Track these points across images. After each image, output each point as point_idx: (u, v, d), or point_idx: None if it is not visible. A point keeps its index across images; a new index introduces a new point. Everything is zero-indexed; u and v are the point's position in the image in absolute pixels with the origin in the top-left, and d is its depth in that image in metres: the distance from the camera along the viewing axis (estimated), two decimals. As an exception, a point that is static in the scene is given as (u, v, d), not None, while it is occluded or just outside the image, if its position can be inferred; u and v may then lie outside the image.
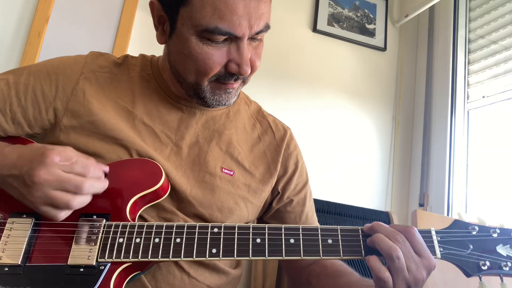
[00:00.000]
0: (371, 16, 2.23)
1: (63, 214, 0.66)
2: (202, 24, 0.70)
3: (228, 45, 0.74)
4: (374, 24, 2.23)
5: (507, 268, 0.66)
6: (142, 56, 0.92)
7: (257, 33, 0.75)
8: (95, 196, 0.69)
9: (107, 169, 0.72)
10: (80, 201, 0.66)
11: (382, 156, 2.11)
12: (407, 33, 2.31)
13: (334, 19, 2.15)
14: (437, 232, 0.69)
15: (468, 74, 1.98)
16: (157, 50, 0.91)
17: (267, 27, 0.76)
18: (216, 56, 0.73)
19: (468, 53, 2.00)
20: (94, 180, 0.67)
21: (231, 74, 0.75)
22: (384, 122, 2.16)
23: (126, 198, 0.72)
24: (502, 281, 0.66)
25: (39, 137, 0.82)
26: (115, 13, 1.79)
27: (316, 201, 1.71)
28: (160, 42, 0.83)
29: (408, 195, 2.07)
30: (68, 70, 0.82)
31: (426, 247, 0.65)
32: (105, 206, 0.70)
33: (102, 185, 0.69)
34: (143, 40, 1.82)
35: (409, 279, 0.62)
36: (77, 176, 0.65)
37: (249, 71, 0.75)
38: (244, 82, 0.82)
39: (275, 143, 0.93)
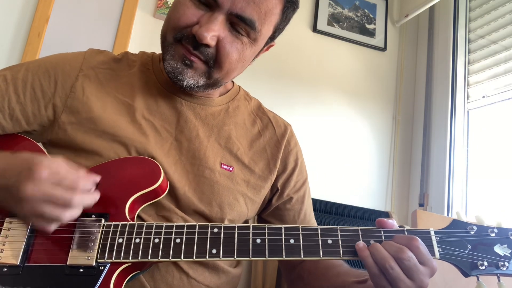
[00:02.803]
0: (371, 16, 2.23)
1: (53, 227, 0.65)
2: None
3: (206, 12, 0.74)
4: (374, 24, 2.22)
5: (504, 268, 0.66)
6: (143, 53, 0.92)
7: (238, 17, 0.73)
8: None
9: (98, 178, 0.71)
10: (70, 215, 0.64)
11: (382, 156, 2.11)
12: (407, 33, 2.31)
13: (334, 19, 2.15)
14: (436, 233, 0.69)
15: (468, 74, 1.98)
16: (157, 49, 0.91)
17: (251, 23, 0.74)
18: (190, 11, 0.74)
19: (468, 53, 2.00)
20: (84, 194, 0.65)
21: (193, 38, 0.74)
22: (384, 122, 2.16)
23: (124, 198, 0.71)
24: (499, 280, 0.66)
25: (37, 134, 0.81)
26: (115, 13, 1.79)
27: (316, 201, 1.71)
28: None
29: (408, 195, 2.07)
30: (67, 67, 0.82)
31: (429, 255, 0.65)
32: (104, 205, 0.70)
33: (92, 198, 0.67)
34: (143, 40, 1.82)
35: (413, 287, 0.63)
36: (66, 191, 0.63)
37: (206, 39, 0.72)
38: (209, 71, 0.77)
39: (276, 139, 0.93)
